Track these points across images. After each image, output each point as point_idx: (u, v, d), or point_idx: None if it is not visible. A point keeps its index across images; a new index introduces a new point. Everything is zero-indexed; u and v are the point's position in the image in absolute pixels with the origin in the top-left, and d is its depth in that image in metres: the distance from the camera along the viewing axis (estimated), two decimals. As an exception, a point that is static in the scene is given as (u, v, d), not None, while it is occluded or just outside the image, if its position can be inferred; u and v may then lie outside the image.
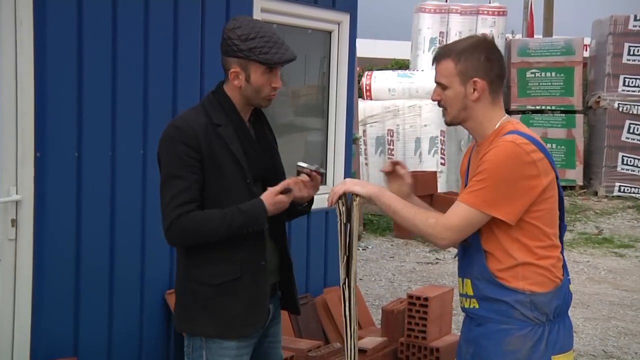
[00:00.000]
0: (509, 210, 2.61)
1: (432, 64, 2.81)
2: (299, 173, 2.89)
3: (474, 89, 2.70)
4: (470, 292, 2.77)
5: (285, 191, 2.82)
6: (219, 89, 2.88)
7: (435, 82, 2.78)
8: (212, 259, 2.80)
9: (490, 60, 2.72)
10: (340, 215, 2.71)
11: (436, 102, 2.80)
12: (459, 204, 2.66)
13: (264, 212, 2.76)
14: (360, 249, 10.06)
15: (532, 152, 2.62)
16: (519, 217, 2.64)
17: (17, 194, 3.73)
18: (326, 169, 5.63)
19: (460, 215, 2.64)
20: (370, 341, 5.04)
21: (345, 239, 2.74)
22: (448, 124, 2.83)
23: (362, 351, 4.85)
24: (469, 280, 2.77)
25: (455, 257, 2.94)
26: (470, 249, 2.75)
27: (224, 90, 2.86)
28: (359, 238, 10.35)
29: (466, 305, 2.81)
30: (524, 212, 2.63)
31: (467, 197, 2.64)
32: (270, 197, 2.78)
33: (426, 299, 4.96)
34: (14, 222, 3.74)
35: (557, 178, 2.73)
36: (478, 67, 2.70)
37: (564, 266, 2.78)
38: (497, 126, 2.73)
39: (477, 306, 2.76)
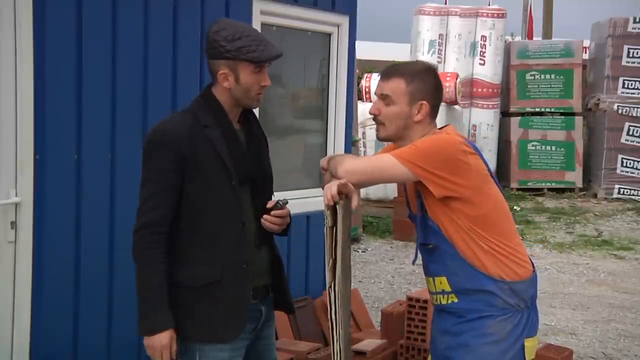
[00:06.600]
0: (426, 173, 2.68)
1: (381, 78, 2.88)
2: (269, 211, 2.86)
3: (419, 111, 2.82)
4: (448, 289, 2.85)
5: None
6: (207, 92, 2.88)
7: (378, 95, 2.86)
8: (192, 261, 2.79)
9: (438, 88, 2.87)
10: (326, 219, 2.72)
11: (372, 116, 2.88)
12: (385, 154, 2.78)
13: (155, 324, 2.80)
14: (360, 251, 10.06)
15: (466, 146, 2.75)
16: (441, 191, 2.69)
17: (16, 196, 3.73)
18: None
19: (380, 159, 2.78)
20: (369, 344, 5.03)
21: (331, 242, 2.74)
22: (381, 139, 2.92)
23: (361, 354, 4.85)
24: (444, 278, 2.84)
25: (413, 263, 3.04)
26: (439, 249, 2.82)
27: (212, 94, 2.85)
28: (358, 240, 10.35)
29: (443, 302, 2.89)
30: (447, 190, 2.69)
31: (394, 152, 2.75)
32: (157, 339, 2.83)
33: (425, 301, 4.95)
34: (14, 225, 3.74)
35: (496, 182, 2.87)
36: (427, 91, 2.83)
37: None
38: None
39: (456, 300, 2.84)
